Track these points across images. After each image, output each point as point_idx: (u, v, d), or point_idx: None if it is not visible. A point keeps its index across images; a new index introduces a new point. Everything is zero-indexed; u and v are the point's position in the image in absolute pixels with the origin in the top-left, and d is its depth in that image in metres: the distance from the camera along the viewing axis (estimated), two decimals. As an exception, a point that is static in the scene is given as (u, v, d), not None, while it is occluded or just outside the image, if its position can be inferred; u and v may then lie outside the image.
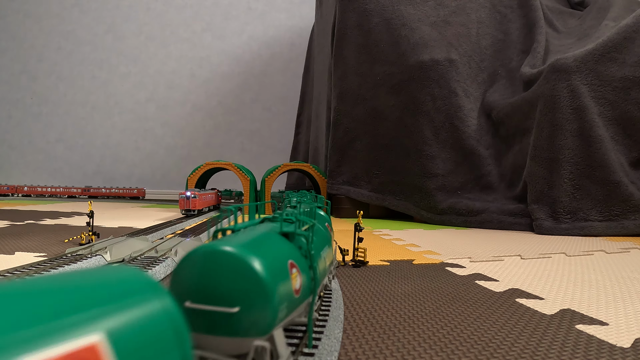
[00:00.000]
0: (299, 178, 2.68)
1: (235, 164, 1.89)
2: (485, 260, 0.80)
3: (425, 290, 0.57)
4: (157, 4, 3.10)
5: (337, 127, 1.76)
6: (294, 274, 0.27)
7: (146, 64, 3.10)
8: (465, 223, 1.47)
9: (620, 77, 1.35)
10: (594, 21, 1.72)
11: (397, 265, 0.74)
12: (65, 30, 3.13)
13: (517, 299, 0.53)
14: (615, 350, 0.37)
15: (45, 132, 3.15)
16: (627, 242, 1.09)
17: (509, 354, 0.35)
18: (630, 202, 1.27)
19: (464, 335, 0.40)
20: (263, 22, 3.09)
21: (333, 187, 1.76)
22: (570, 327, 0.42)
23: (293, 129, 3.04)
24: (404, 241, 1.04)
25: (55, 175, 3.14)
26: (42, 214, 1.58)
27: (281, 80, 3.10)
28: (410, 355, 0.35)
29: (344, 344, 0.37)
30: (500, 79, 1.71)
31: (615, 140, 1.36)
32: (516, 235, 1.24)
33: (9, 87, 3.17)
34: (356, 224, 0.70)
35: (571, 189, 1.31)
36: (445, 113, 1.59)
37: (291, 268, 0.27)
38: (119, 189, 2.88)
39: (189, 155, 3.10)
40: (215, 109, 3.09)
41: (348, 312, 0.46)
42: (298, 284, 0.28)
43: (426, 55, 1.61)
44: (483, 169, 1.58)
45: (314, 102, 2.43)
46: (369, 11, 1.70)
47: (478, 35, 1.72)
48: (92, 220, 0.84)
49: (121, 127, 3.11)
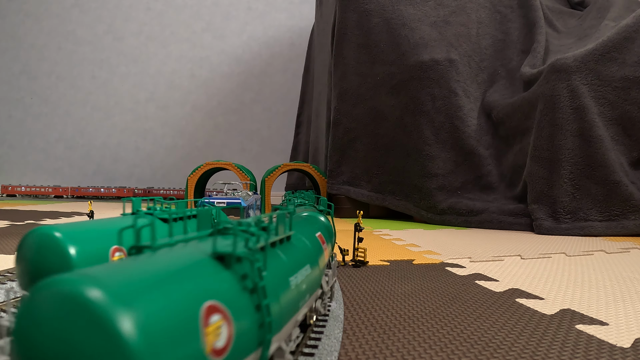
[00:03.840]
0: (299, 178, 2.68)
1: (235, 164, 1.89)
2: (485, 260, 0.80)
3: (425, 290, 0.57)
4: (157, 4, 3.10)
5: (337, 127, 1.76)
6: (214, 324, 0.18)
7: (146, 64, 3.10)
8: (465, 223, 1.47)
9: (620, 77, 1.35)
10: (594, 21, 1.72)
11: (397, 265, 0.74)
12: (65, 30, 3.13)
13: (517, 299, 0.53)
14: (615, 350, 0.37)
15: (45, 132, 3.15)
16: (627, 242, 1.09)
17: (509, 354, 0.35)
18: (630, 202, 1.27)
19: (464, 335, 0.40)
20: (263, 22, 3.09)
21: (333, 187, 1.76)
22: (570, 327, 0.42)
23: (293, 129, 3.04)
24: (404, 241, 1.04)
25: (55, 175, 3.14)
26: (42, 214, 1.58)
27: (281, 80, 3.10)
28: (410, 355, 0.35)
29: (344, 344, 0.37)
30: (500, 79, 1.71)
31: (615, 140, 1.35)
32: (516, 235, 1.24)
33: (9, 87, 3.17)
34: (356, 224, 0.70)
35: (571, 189, 1.31)
36: (445, 113, 1.59)
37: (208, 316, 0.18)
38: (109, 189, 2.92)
39: (189, 155, 3.10)
40: (215, 109, 3.09)
41: (348, 312, 0.46)
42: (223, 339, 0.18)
43: (426, 55, 1.61)
44: (483, 169, 1.57)
45: (314, 102, 2.43)
46: (369, 11, 1.70)
47: (478, 35, 1.72)
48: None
49: (121, 127, 3.11)
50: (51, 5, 3.13)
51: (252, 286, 0.21)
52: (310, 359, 0.31)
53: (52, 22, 3.13)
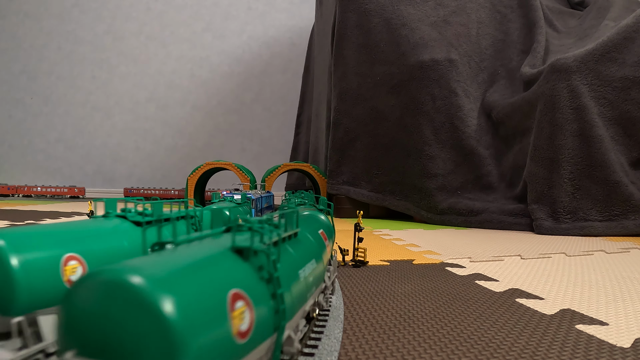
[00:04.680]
0: (299, 178, 2.68)
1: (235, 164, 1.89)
2: (485, 260, 0.80)
3: (425, 290, 0.57)
4: (157, 4, 3.10)
5: (337, 127, 1.76)
6: (239, 309, 0.20)
7: (146, 64, 3.10)
8: (465, 223, 1.47)
9: (620, 77, 1.35)
10: (594, 21, 1.72)
11: (397, 265, 0.74)
12: (65, 30, 3.13)
13: (517, 299, 0.53)
14: (615, 350, 0.37)
15: (45, 132, 3.15)
16: (627, 242, 1.09)
17: (509, 354, 0.35)
18: (630, 202, 1.27)
19: (464, 335, 0.40)
20: (263, 22, 3.08)
21: (333, 187, 1.76)
22: (570, 327, 0.42)
23: (293, 129, 3.04)
24: (404, 241, 1.04)
25: (55, 175, 3.14)
26: (42, 214, 1.58)
27: (281, 80, 3.10)
28: (410, 355, 0.35)
29: (344, 344, 0.37)
30: (500, 79, 1.71)
31: (615, 140, 1.35)
32: (516, 235, 1.24)
33: (9, 87, 3.17)
34: (356, 224, 0.70)
35: (571, 189, 1.31)
36: (445, 113, 1.59)
37: (234, 302, 0.20)
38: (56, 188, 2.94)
39: (189, 155, 3.10)
40: (215, 109, 3.09)
41: (348, 312, 0.46)
42: (246, 323, 0.20)
43: (426, 55, 1.61)
44: (483, 169, 1.57)
45: (314, 102, 2.43)
46: (369, 11, 1.70)
47: (478, 35, 1.72)
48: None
49: (121, 127, 3.11)
50: (51, 5, 3.13)
51: (268, 277, 0.24)
52: (310, 359, 0.31)
53: (52, 22, 3.13)
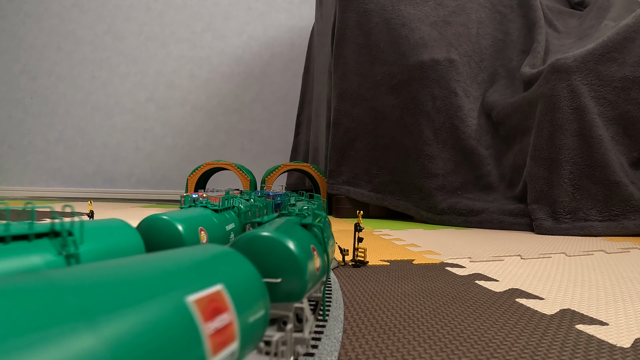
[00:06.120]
0: (299, 178, 2.68)
1: (235, 164, 1.89)
2: (485, 260, 0.80)
3: (425, 290, 0.57)
4: (157, 4, 3.10)
5: (337, 127, 1.76)
6: (315, 255, 0.35)
7: (146, 64, 3.10)
8: (465, 223, 1.47)
9: (620, 77, 1.35)
10: (594, 21, 1.72)
11: (397, 265, 0.74)
12: (65, 30, 3.13)
13: (517, 299, 0.53)
14: (615, 350, 0.37)
15: (45, 132, 3.15)
16: (627, 242, 1.09)
17: (509, 354, 0.35)
18: (630, 202, 1.27)
19: (464, 335, 0.40)
20: (263, 22, 3.08)
21: (333, 187, 1.76)
22: (570, 327, 0.42)
23: (293, 129, 3.04)
24: (404, 241, 1.04)
25: (55, 175, 3.14)
26: (42, 214, 1.58)
27: (281, 81, 3.10)
28: (410, 355, 0.35)
29: (344, 344, 0.37)
30: (500, 79, 1.71)
31: (615, 140, 1.35)
32: (516, 235, 1.24)
33: (9, 87, 3.17)
34: (356, 224, 0.70)
35: (571, 189, 1.31)
36: (445, 113, 1.59)
37: (313, 251, 0.35)
38: None
39: (189, 155, 3.10)
40: (215, 109, 3.09)
41: (348, 312, 0.46)
42: (318, 264, 0.35)
43: (426, 55, 1.61)
44: (483, 169, 1.57)
45: (314, 102, 2.43)
46: (369, 11, 1.70)
47: (478, 35, 1.72)
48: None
49: (121, 127, 3.11)
50: (51, 5, 3.13)
51: (320, 241, 0.39)
52: (310, 359, 0.31)
53: (52, 22, 3.13)
